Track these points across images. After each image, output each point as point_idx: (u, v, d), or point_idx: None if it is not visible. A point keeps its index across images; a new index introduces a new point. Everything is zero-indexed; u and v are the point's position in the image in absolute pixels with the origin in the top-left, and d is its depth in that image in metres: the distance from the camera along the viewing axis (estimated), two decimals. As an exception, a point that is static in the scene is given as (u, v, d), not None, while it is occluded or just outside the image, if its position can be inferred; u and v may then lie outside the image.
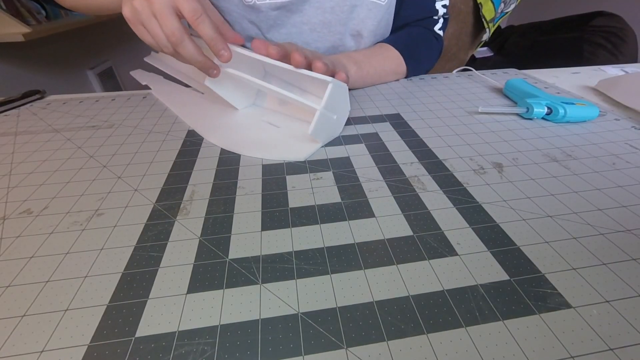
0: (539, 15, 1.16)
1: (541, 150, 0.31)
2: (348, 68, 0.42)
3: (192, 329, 0.17)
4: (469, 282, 0.19)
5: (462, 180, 0.27)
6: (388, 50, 0.49)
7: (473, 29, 0.86)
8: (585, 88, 0.46)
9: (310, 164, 0.30)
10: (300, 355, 0.16)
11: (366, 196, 0.26)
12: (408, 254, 0.21)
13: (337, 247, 0.21)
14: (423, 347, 0.16)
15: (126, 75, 1.58)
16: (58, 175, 0.29)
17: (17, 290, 0.19)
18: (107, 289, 0.19)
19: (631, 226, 0.22)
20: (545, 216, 0.23)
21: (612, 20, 0.91)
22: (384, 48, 0.49)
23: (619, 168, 0.28)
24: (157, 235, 0.22)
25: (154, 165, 0.30)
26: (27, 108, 0.43)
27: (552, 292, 0.18)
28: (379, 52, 0.48)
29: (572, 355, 0.15)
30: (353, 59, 0.44)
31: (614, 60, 0.86)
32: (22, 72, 1.11)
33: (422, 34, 0.52)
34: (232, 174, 0.29)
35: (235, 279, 0.19)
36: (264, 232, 0.22)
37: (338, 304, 0.18)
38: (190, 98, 0.43)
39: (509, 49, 1.08)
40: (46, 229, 0.23)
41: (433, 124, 0.36)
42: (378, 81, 0.48)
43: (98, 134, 0.36)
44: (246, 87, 0.39)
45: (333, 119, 0.32)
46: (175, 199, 0.26)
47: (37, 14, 1.13)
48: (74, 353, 0.16)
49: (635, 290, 0.18)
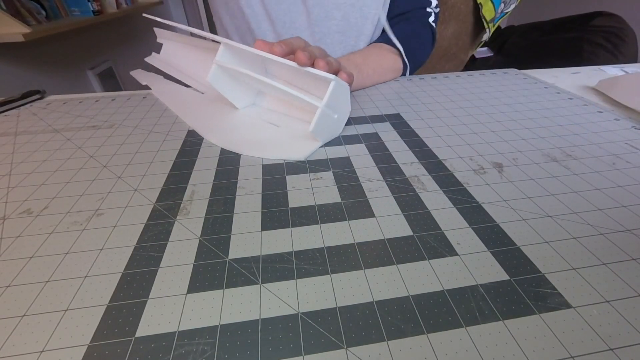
0: (539, 15, 1.16)
1: (541, 150, 0.31)
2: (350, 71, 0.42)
3: (192, 329, 0.17)
4: (469, 282, 0.19)
5: (462, 180, 0.27)
6: (383, 49, 0.49)
7: (473, 29, 0.86)
8: (585, 88, 0.46)
9: (310, 164, 0.30)
10: (300, 355, 0.16)
11: (366, 196, 0.26)
12: (408, 254, 0.21)
13: (337, 247, 0.21)
14: (423, 347, 0.16)
15: (126, 75, 1.58)
16: (58, 175, 0.29)
17: (17, 290, 0.19)
18: (107, 289, 0.19)
19: (631, 226, 0.22)
20: (545, 216, 0.23)
21: (612, 20, 0.91)
22: (379, 47, 0.50)
23: (619, 168, 0.28)
24: (157, 235, 0.22)
25: (154, 165, 0.30)
26: (27, 108, 0.43)
27: (552, 292, 0.18)
28: (376, 52, 0.49)
29: (572, 355, 0.15)
30: (353, 62, 0.44)
31: (614, 60, 0.86)
32: (22, 72, 1.11)
33: (415, 28, 0.53)
34: (232, 174, 0.29)
35: (235, 279, 0.19)
36: (264, 232, 0.22)
37: (338, 304, 0.18)
38: (190, 97, 0.43)
39: (509, 49, 1.08)
40: (46, 229, 0.23)
41: (433, 124, 0.36)
42: (377, 81, 0.48)
43: (98, 134, 0.36)
44: (247, 86, 0.39)
45: (334, 118, 0.32)
46: (175, 199, 0.26)
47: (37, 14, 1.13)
48: (74, 353, 0.16)
49: (635, 290, 0.18)
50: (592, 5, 1.15)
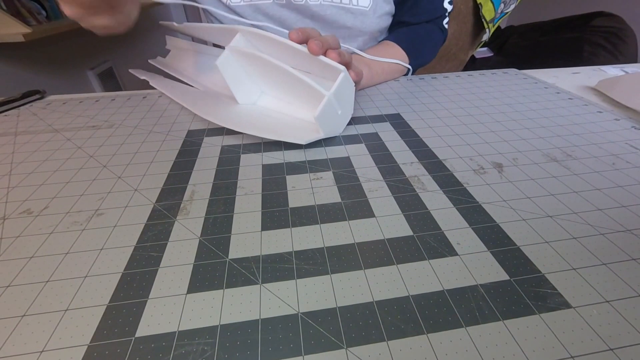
0: (539, 16, 1.16)
1: (541, 150, 0.31)
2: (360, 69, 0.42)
3: (192, 329, 0.17)
4: (469, 282, 0.19)
5: (462, 180, 0.27)
6: (394, 48, 0.50)
7: (473, 29, 0.86)
8: (585, 88, 0.46)
9: (310, 164, 0.30)
10: (300, 355, 0.16)
11: (366, 196, 0.26)
12: (408, 254, 0.20)
13: (337, 247, 0.21)
14: (423, 347, 0.16)
15: (126, 75, 1.58)
16: (58, 175, 0.29)
17: (17, 290, 0.19)
18: (107, 289, 0.19)
19: (631, 226, 0.22)
20: (545, 216, 0.23)
21: (612, 21, 0.91)
22: (390, 46, 0.50)
23: (619, 168, 0.28)
24: (157, 235, 0.22)
25: (154, 165, 0.30)
26: (27, 108, 0.43)
27: (552, 292, 0.18)
28: (386, 50, 0.49)
29: (572, 355, 0.15)
30: (363, 61, 0.44)
31: (613, 61, 0.86)
32: (22, 72, 1.11)
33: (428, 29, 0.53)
34: (232, 174, 0.29)
35: (235, 279, 0.19)
36: (264, 232, 0.22)
37: (338, 304, 0.18)
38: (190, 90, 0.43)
39: (509, 49, 1.08)
40: (46, 229, 0.23)
41: (433, 124, 0.36)
42: (385, 80, 0.49)
43: (98, 134, 0.36)
44: (252, 83, 0.38)
45: (337, 113, 0.32)
46: (175, 199, 0.26)
47: (38, 14, 1.13)
48: (74, 353, 0.16)
49: (635, 290, 0.18)
50: (592, 5, 1.14)
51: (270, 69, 0.34)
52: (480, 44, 0.94)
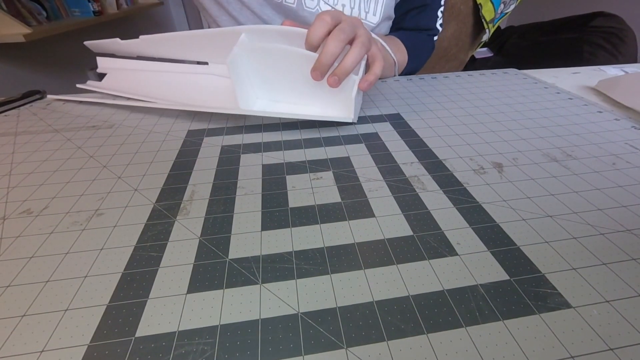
0: (539, 16, 1.16)
1: (541, 150, 0.31)
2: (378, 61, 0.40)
3: (192, 329, 0.17)
4: (469, 282, 0.19)
5: (462, 180, 0.27)
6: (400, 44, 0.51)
7: (473, 30, 0.86)
8: (585, 88, 0.46)
9: (310, 164, 0.30)
10: (300, 355, 0.16)
11: (366, 196, 0.26)
12: (408, 254, 0.20)
13: (337, 247, 0.21)
14: (423, 347, 0.16)
15: (126, 75, 1.57)
16: (58, 175, 0.29)
17: (17, 290, 0.19)
18: (107, 289, 0.19)
19: (631, 226, 0.22)
20: (545, 216, 0.23)
21: (612, 21, 0.91)
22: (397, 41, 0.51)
23: (619, 168, 0.28)
24: (157, 235, 0.22)
25: (154, 165, 0.30)
26: (27, 108, 0.43)
27: (552, 292, 0.18)
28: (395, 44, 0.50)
29: (572, 355, 0.15)
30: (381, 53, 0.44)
31: (613, 61, 0.86)
32: (22, 72, 1.11)
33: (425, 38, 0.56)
34: (232, 174, 0.29)
35: (235, 279, 0.19)
36: (264, 232, 0.22)
37: (338, 304, 0.18)
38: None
39: (509, 49, 1.08)
40: (46, 229, 0.23)
41: (433, 124, 0.36)
42: (391, 74, 0.49)
43: (98, 134, 0.36)
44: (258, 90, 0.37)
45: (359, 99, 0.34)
46: (175, 199, 0.26)
47: (38, 14, 1.13)
48: (74, 353, 0.16)
49: (635, 290, 0.18)
50: (592, 5, 1.14)
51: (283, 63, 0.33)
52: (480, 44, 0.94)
